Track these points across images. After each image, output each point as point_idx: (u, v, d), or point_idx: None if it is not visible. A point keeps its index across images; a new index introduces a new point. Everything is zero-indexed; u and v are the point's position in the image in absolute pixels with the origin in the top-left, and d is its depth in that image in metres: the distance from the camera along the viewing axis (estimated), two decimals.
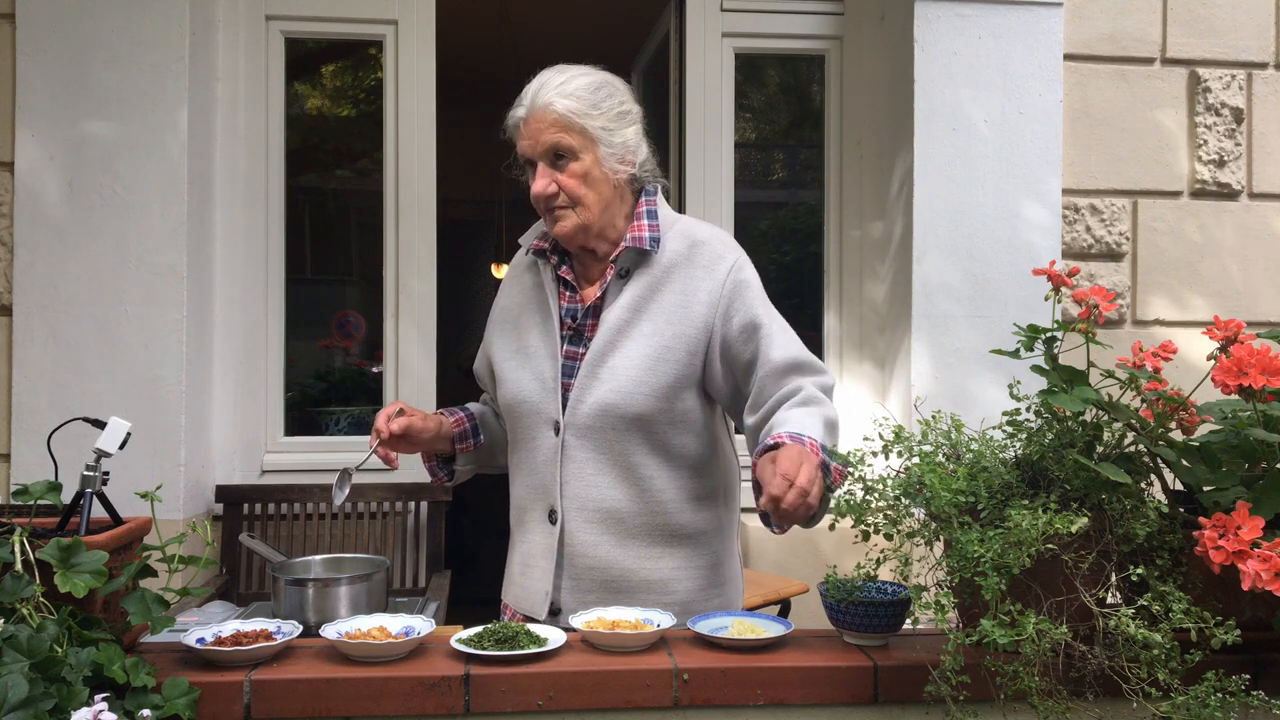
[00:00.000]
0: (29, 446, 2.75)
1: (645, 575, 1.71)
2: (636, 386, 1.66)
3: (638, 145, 1.73)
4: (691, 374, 1.69)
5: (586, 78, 1.69)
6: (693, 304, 1.69)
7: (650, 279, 1.71)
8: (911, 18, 3.02)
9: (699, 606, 1.73)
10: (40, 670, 1.21)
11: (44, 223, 2.76)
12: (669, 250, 1.72)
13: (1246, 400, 1.40)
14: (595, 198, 1.69)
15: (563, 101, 1.66)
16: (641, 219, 1.73)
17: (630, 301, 1.70)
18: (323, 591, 1.65)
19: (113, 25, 2.78)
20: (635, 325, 1.69)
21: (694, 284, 1.70)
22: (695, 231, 1.76)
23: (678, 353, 1.68)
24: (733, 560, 1.84)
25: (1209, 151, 3.17)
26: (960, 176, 3.02)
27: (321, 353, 3.54)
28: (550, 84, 1.68)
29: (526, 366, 1.76)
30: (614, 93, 1.70)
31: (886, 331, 3.26)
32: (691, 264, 1.71)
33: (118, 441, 1.52)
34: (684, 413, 1.70)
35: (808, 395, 1.62)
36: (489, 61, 5.85)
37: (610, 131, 1.68)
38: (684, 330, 1.68)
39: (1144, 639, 1.26)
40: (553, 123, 1.67)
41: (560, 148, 1.67)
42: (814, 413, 1.59)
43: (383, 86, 3.27)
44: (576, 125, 1.66)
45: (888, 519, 1.42)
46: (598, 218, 1.70)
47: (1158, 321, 3.17)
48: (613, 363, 1.68)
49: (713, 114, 3.36)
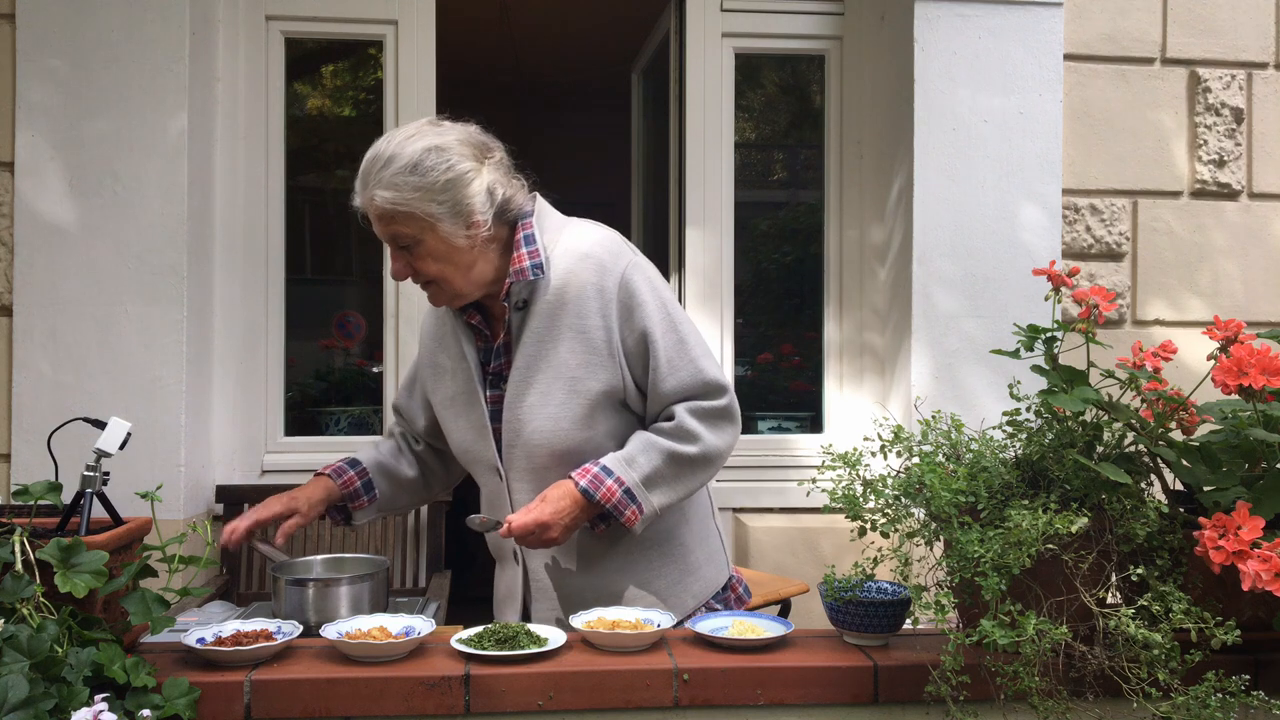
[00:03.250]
0: (29, 446, 2.75)
1: (614, 588, 1.72)
2: (556, 423, 1.64)
3: (484, 200, 1.61)
4: (610, 394, 1.65)
5: (403, 158, 1.58)
6: (590, 327, 1.64)
7: (547, 305, 1.65)
8: (911, 18, 3.02)
9: (676, 598, 1.73)
10: (40, 670, 1.21)
11: (44, 223, 2.76)
12: (558, 269, 1.65)
13: (1246, 400, 1.40)
14: (454, 269, 1.63)
15: (383, 194, 1.58)
16: (520, 248, 1.65)
17: (535, 333, 1.65)
18: (323, 591, 1.65)
19: (113, 25, 2.78)
20: (543, 358, 1.65)
21: (586, 305, 1.64)
22: (581, 243, 1.67)
23: (589, 380, 1.64)
24: (705, 542, 1.81)
25: (1209, 151, 3.17)
26: (960, 176, 3.02)
27: (321, 353, 3.54)
28: (370, 174, 1.60)
29: (460, 415, 1.75)
30: (439, 161, 1.58)
31: (886, 331, 3.26)
32: (581, 282, 1.64)
33: (118, 441, 1.52)
34: (612, 432, 1.68)
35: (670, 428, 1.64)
36: (489, 61, 5.85)
37: (444, 204, 1.58)
38: (589, 357, 1.64)
39: (1144, 639, 1.26)
40: (380, 216, 1.61)
41: (400, 239, 1.62)
42: (651, 443, 1.63)
43: (383, 86, 3.27)
44: (404, 214, 1.58)
45: (887, 518, 1.42)
46: (466, 284, 1.65)
47: (1158, 321, 3.17)
48: (530, 400, 1.65)
49: (713, 114, 3.35)
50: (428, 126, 1.64)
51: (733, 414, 1.69)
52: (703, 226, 3.34)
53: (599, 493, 1.59)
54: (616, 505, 1.59)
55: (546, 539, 1.59)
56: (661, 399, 1.66)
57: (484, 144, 1.66)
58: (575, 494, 1.59)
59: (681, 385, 1.65)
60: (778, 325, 3.58)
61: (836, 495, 1.44)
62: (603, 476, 1.60)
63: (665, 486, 1.63)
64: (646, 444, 1.63)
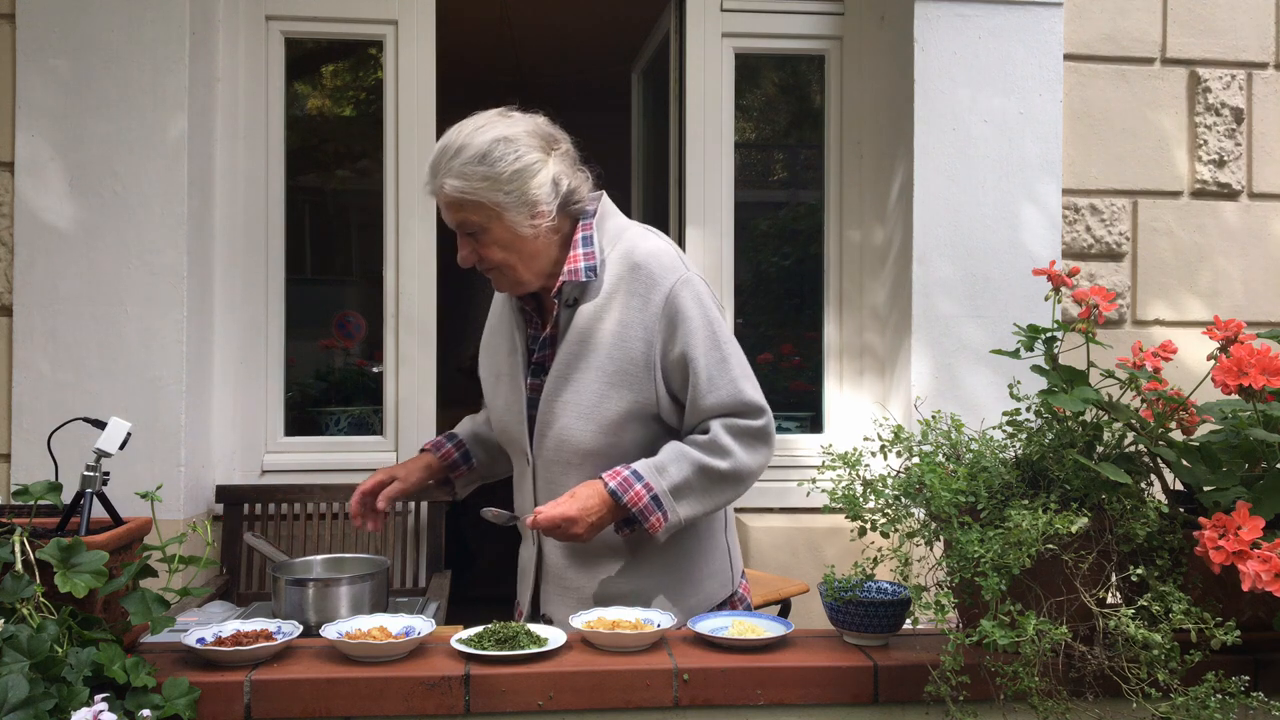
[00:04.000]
0: (29, 446, 2.75)
1: (620, 590, 1.74)
2: (585, 423, 1.67)
3: (549, 191, 1.66)
4: (644, 405, 1.68)
5: (472, 148, 1.62)
6: (630, 336, 1.66)
7: (595, 307, 1.69)
8: (911, 18, 3.02)
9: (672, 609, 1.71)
10: (40, 670, 1.21)
11: (44, 223, 2.76)
12: (610, 274, 1.69)
13: (1246, 400, 1.40)
14: (518, 258, 1.68)
15: (452, 183, 1.63)
16: (576, 248, 1.70)
17: (579, 333, 1.69)
18: (323, 591, 1.65)
19: (113, 25, 2.78)
20: (584, 357, 1.68)
21: (630, 314, 1.67)
22: (634, 252, 1.70)
23: (622, 388, 1.66)
24: (710, 558, 1.81)
25: (1209, 151, 3.17)
26: (960, 176, 3.02)
27: (321, 353, 3.54)
28: (441, 163, 1.65)
29: (501, 395, 1.81)
30: (507, 151, 1.63)
31: (887, 332, 3.26)
32: (629, 292, 1.68)
33: (118, 441, 1.53)
34: (636, 444, 1.70)
35: (704, 441, 1.66)
36: (489, 61, 5.85)
37: (511, 194, 1.63)
38: (625, 365, 1.66)
39: (1144, 639, 1.26)
40: (449, 204, 1.66)
41: (467, 226, 1.67)
42: (683, 453, 1.65)
43: (383, 86, 3.27)
44: (472, 202, 1.64)
45: (887, 518, 1.42)
46: (528, 272, 1.70)
47: (1157, 321, 3.17)
48: (565, 397, 1.69)
49: (713, 114, 3.35)
50: (497, 117, 1.68)
51: (768, 435, 1.70)
52: (703, 226, 3.34)
53: (627, 496, 1.61)
54: (643, 510, 1.62)
55: (572, 534, 1.61)
56: (700, 414, 1.68)
57: (551, 135, 1.71)
58: (604, 494, 1.62)
59: (720, 403, 1.66)
60: (778, 325, 3.58)
61: (836, 495, 1.44)
62: (632, 480, 1.62)
63: (693, 498, 1.65)
64: (679, 454, 1.65)
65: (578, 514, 1.60)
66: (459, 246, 1.70)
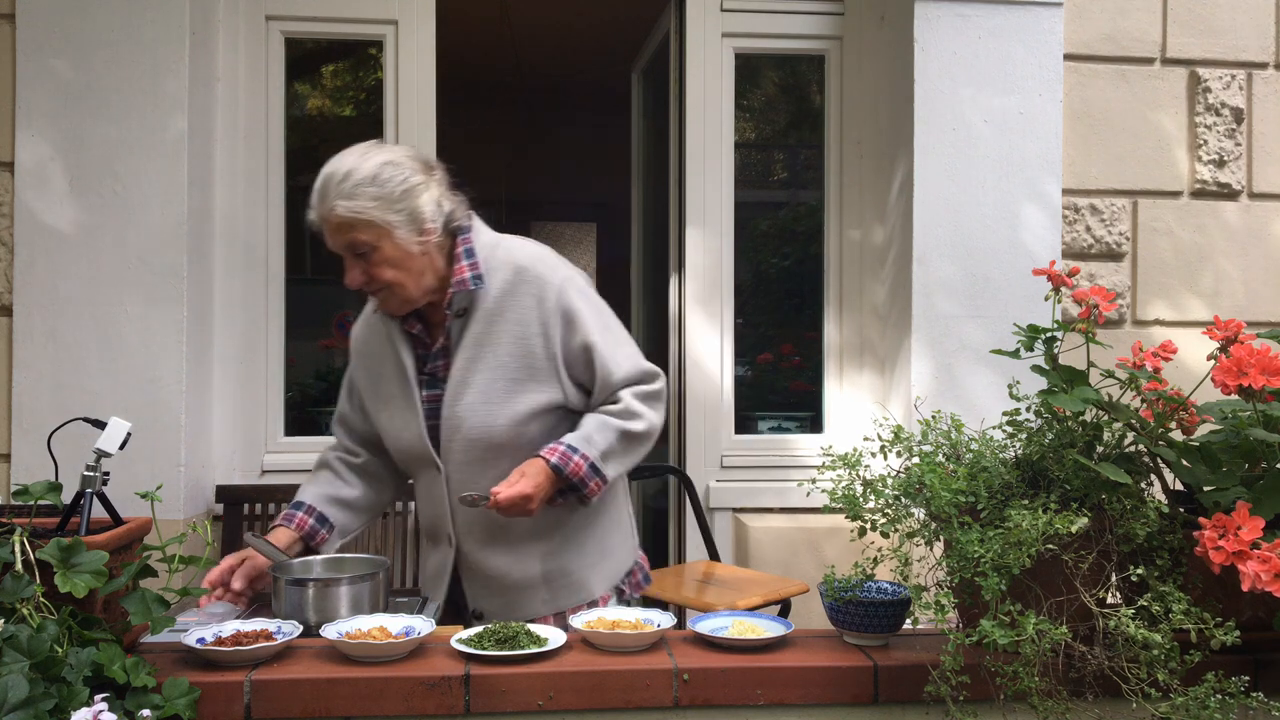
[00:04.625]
0: (29, 446, 2.75)
1: (546, 569, 1.87)
2: (494, 419, 1.79)
3: (434, 209, 1.77)
4: (550, 398, 1.81)
5: (362, 171, 1.72)
6: (529, 334, 1.79)
7: (486, 313, 1.80)
8: (911, 18, 3.02)
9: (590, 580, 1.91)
10: (40, 670, 1.21)
11: (44, 223, 2.76)
12: (497, 281, 1.81)
13: (1246, 400, 1.40)
14: (406, 274, 1.76)
15: (344, 204, 1.71)
16: (461, 260, 1.80)
17: (473, 339, 1.80)
18: (323, 591, 1.64)
19: (113, 25, 2.77)
20: (481, 359, 1.80)
21: (526, 315, 1.79)
22: (517, 257, 1.83)
23: (529, 381, 1.79)
24: (619, 526, 1.99)
25: (1209, 151, 3.17)
26: (960, 176, 3.02)
27: (321, 353, 3.54)
28: (329, 188, 1.73)
29: (394, 417, 1.89)
30: (395, 173, 1.74)
31: (887, 332, 3.26)
32: (519, 294, 1.80)
33: (118, 441, 1.53)
34: (542, 431, 1.82)
35: (618, 409, 1.81)
36: (489, 61, 5.85)
37: (400, 213, 1.73)
38: (528, 361, 1.79)
39: (1144, 639, 1.26)
40: (340, 226, 1.74)
41: (357, 246, 1.74)
42: (605, 423, 1.79)
43: (383, 86, 3.27)
44: (364, 222, 1.72)
45: (887, 518, 1.42)
46: (416, 289, 1.78)
47: (1157, 321, 3.17)
48: (469, 399, 1.80)
49: (713, 114, 3.35)
50: (375, 146, 1.79)
51: (665, 394, 1.90)
52: (703, 226, 3.34)
53: (568, 468, 1.75)
54: (583, 479, 1.76)
55: (527, 510, 1.73)
56: (610, 389, 1.83)
57: (428, 161, 1.83)
58: (548, 470, 1.74)
59: (626, 376, 1.83)
60: (778, 325, 3.58)
61: (836, 495, 1.44)
62: (570, 454, 1.75)
63: (616, 460, 1.80)
64: (601, 424, 1.80)
65: (533, 491, 1.72)
66: (347, 269, 1.78)
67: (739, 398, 3.39)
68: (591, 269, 8.64)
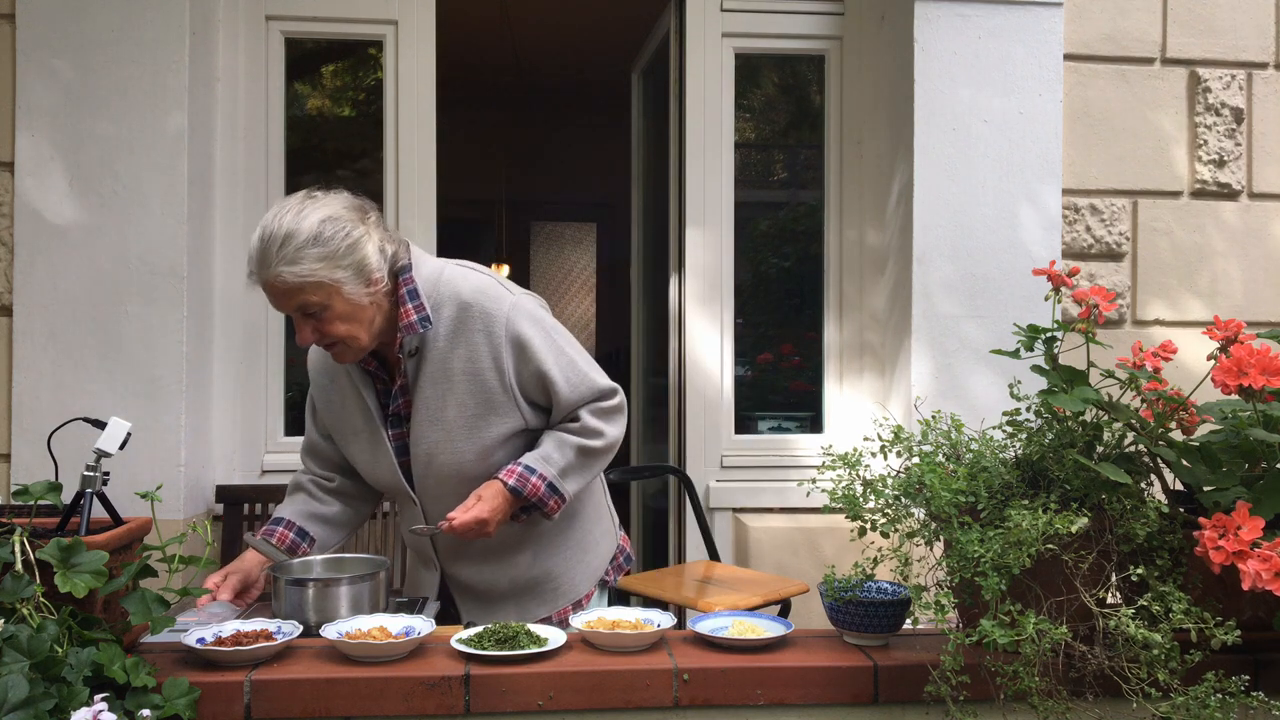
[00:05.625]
0: (29, 446, 2.75)
1: (533, 575, 1.92)
2: (461, 455, 1.81)
3: (378, 257, 1.73)
4: (512, 426, 1.83)
5: (302, 233, 1.66)
6: (482, 369, 1.79)
7: (439, 353, 1.80)
8: (911, 18, 3.02)
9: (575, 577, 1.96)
10: (40, 670, 1.21)
11: (44, 223, 2.76)
12: (444, 318, 1.80)
13: (1246, 400, 1.40)
14: (359, 325, 1.74)
15: (289, 269, 1.65)
16: (405, 303, 1.77)
17: (429, 378, 1.81)
18: (323, 591, 1.64)
19: (113, 25, 2.77)
20: (443, 397, 1.80)
21: (476, 350, 1.79)
22: (461, 293, 1.79)
23: (490, 414, 1.81)
24: (600, 519, 2.04)
25: (1209, 151, 3.17)
26: (960, 177, 3.02)
27: None
28: (270, 254, 1.66)
29: (363, 450, 1.90)
30: (337, 230, 1.68)
31: (887, 332, 3.26)
32: (468, 330, 1.79)
33: (118, 441, 1.53)
34: (508, 455, 1.84)
35: (576, 427, 1.83)
36: (489, 61, 5.85)
37: (347, 269, 1.69)
38: (486, 396, 1.80)
39: (1144, 639, 1.26)
40: (287, 291, 1.69)
41: (307, 308, 1.70)
42: (563, 441, 1.82)
43: (383, 86, 3.27)
44: (312, 284, 1.67)
45: (887, 518, 1.43)
46: (368, 337, 1.76)
47: (1157, 321, 3.17)
48: (433, 437, 1.82)
49: (713, 114, 3.35)
50: (307, 201, 1.72)
51: (624, 406, 1.90)
52: (703, 226, 3.34)
53: (526, 489, 1.78)
54: (541, 498, 1.79)
55: (484, 533, 1.76)
56: (567, 409, 1.84)
57: (362, 206, 1.77)
58: (505, 492, 1.77)
59: (582, 397, 1.84)
60: (778, 325, 3.58)
61: (836, 495, 1.44)
62: (527, 475, 1.78)
63: (576, 475, 1.83)
64: (559, 442, 1.82)
65: (489, 515, 1.75)
66: (298, 329, 1.74)
67: (739, 398, 3.39)
68: (591, 269, 8.65)
